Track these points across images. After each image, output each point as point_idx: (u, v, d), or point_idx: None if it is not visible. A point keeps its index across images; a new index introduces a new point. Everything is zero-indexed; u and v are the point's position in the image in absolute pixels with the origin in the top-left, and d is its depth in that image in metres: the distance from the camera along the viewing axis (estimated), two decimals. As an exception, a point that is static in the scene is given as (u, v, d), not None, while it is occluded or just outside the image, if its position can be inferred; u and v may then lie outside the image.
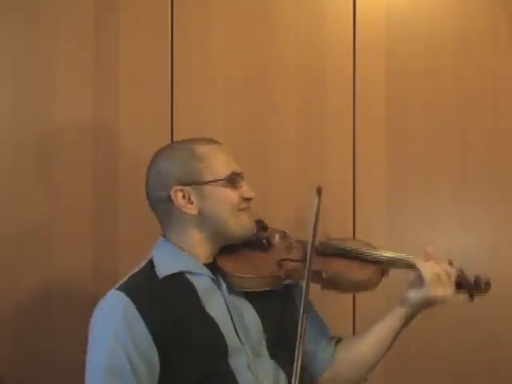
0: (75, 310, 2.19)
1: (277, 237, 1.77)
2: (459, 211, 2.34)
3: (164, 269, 1.65)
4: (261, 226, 1.75)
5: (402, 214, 2.33)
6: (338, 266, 1.74)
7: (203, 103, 2.28)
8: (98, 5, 2.26)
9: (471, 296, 1.75)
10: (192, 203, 1.67)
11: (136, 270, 1.69)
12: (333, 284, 1.73)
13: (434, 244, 2.31)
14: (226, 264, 1.69)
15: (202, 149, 1.69)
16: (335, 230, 2.26)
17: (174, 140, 2.22)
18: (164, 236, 1.72)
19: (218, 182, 1.67)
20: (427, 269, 1.68)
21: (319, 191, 1.72)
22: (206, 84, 2.29)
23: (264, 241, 1.75)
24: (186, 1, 2.28)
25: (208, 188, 1.67)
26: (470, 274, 1.75)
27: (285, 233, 1.80)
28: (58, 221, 2.24)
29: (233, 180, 1.68)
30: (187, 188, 1.66)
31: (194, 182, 1.67)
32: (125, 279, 1.67)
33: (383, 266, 1.76)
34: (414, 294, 1.70)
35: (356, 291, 1.78)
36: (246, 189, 1.71)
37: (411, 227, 2.33)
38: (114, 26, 2.26)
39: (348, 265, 1.76)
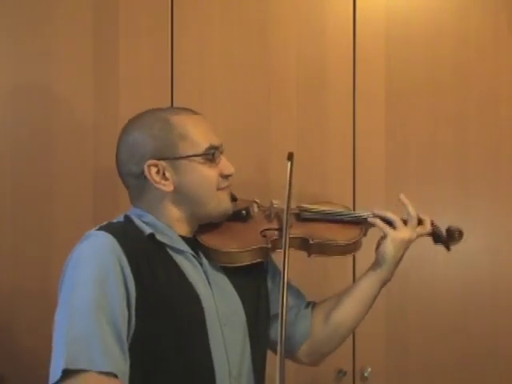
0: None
1: (255, 207, 1.70)
2: (459, 211, 2.33)
3: (148, 229, 1.54)
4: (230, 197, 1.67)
5: (402, 214, 2.32)
6: (323, 231, 1.70)
7: (203, 103, 2.28)
8: (97, 5, 2.26)
9: (447, 246, 1.78)
10: (167, 179, 1.55)
11: (113, 220, 1.58)
12: (320, 249, 1.69)
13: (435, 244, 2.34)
14: (211, 241, 1.61)
15: (178, 119, 1.57)
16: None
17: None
18: (135, 206, 1.61)
19: (195, 157, 1.56)
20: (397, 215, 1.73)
21: (290, 157, 1.66)
22: (205, 84, 2.29)
23: (243, 212, 1.67)
24: (186, 1, 2.28)
25: (184, 163, 1.56)
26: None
27: (255, 202, 1.73)
28: (58, 221, 2.24)
29: (211, 156, 1.57)
30: (162, 162, 1.54)
31: (169, 157, 1.55)
32: (103, 224, 1.54)
33: (364, 226, 1.75)
34: (387, 245, 1.69)
35: (344, 254, 1.72)
36: (225, 164, 1.61)
37: (411, 227, 2.32)
38: (114, 26, 2.26)
39: (332, 228, 1.72)
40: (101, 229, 1.52)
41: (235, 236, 1.65)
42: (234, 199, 1.67)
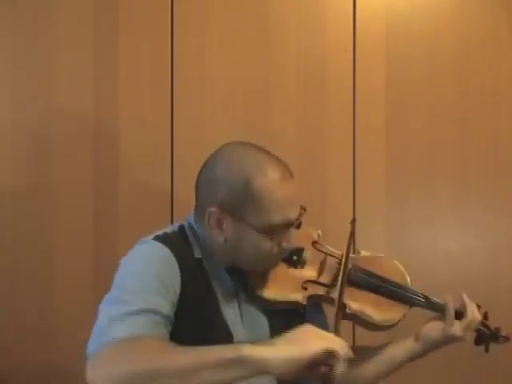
0: (75, 310, 2.20)
1: (308, 253, 1.60)
2: (459, 211, 2.34)
3: (198, 253, 1.56)
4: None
5: (402, 215, 2.33)
6: (363, 302, 1.63)
7: (203, 103, 2.28)
8: (97, 5, 2.26)
9: (486, 348, 1.74)
10: (222, 230, 1.52)
11: (169, 230, 1.57)
12: (354, 320, 1.64)
13: (435, 244, 2.34)
14: (251, 276, 1.58)
15: (261, 184, 1.48)
16: (335, 230, 2.28)
17: (174, 139, 2.24)
18: (194, 220, 1.59)
19: (257, 228, 1.50)
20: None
21: (352, 222, 1.61)
22: (205, 84, 2.29)
23: (294, 258, 1.58)
24: (186, 1, 2.28)
25: (245, 226, 1.50)
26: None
27: (318, 235, 1.70)
28: (58, 221, 2.24)
29: (273, 233, 1.50)
30: (225, 215, 1.50)
31: (235, 215, 1.50)
32: (159, 235, 1.54)
33: (411, 307, 1.69)
34: (436, 332, 1.67)
35: (376, 331, 1.67)
36: (288, 239, 1.53)
37: (411, 227, 2.33)
38: (114, 26, 2.26)
39: (375, 302, 1.64)
40: (157, 239, 1.53)
41: (276, 280, 1.59)
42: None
